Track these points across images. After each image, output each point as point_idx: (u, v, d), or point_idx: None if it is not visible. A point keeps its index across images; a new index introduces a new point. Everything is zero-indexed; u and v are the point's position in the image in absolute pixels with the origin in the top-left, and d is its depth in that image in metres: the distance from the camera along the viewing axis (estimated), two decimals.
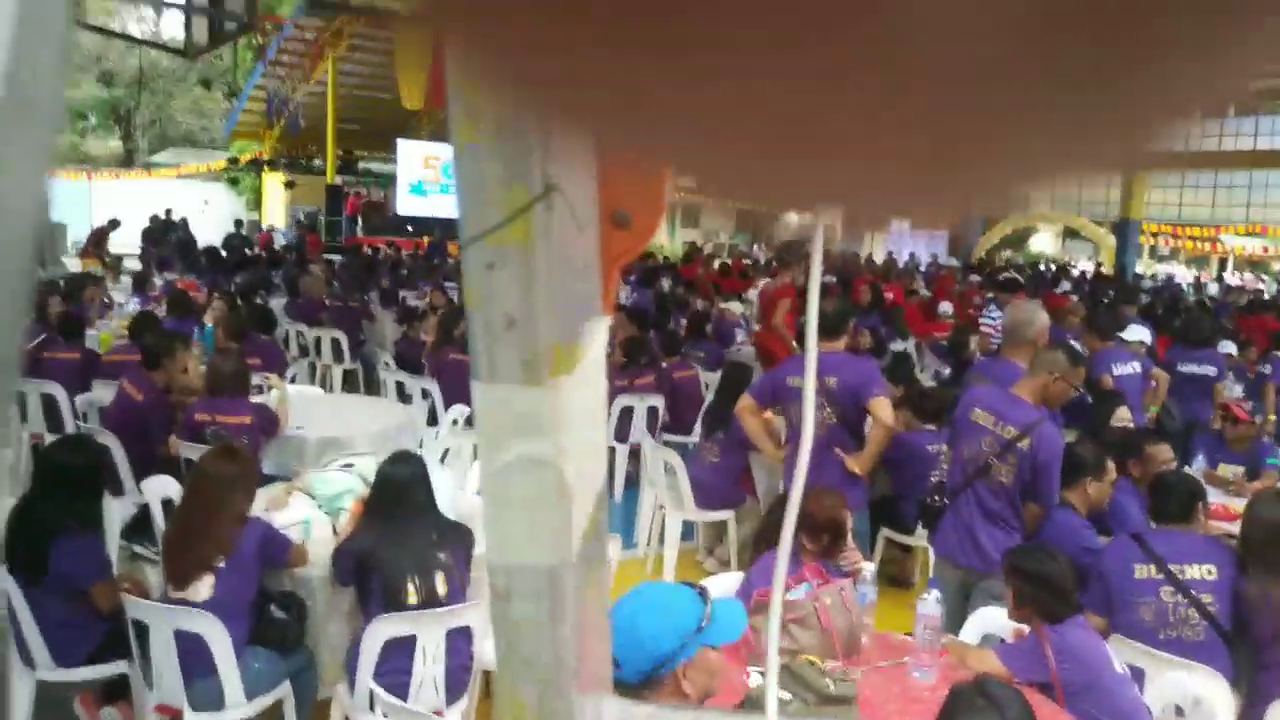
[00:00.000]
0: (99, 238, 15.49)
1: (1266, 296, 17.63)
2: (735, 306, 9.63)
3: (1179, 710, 2.85)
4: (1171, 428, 5.74)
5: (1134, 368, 5.68)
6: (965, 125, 0.19)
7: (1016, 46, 0.17)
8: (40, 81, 0.19)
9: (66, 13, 0.20)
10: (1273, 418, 6.46)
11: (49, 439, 4.93)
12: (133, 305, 8.46)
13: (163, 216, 18.30)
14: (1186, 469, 4.37)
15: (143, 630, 3.01)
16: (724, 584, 3.29)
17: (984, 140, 0.20)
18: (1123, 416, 4.58)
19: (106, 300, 8.71)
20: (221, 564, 3.04)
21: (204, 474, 3.19)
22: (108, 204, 18.09)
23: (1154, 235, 23.09)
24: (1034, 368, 3.70)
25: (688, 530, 5.20)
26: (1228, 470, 4.93)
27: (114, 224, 15.90)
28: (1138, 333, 6.20)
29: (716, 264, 15.43)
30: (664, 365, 6.72)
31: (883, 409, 3.96)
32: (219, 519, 3.07)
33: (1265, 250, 24.91)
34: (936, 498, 3.86)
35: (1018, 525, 3.58)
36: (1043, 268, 21.63)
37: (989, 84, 0.18)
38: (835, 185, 0.22)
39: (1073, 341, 4.95)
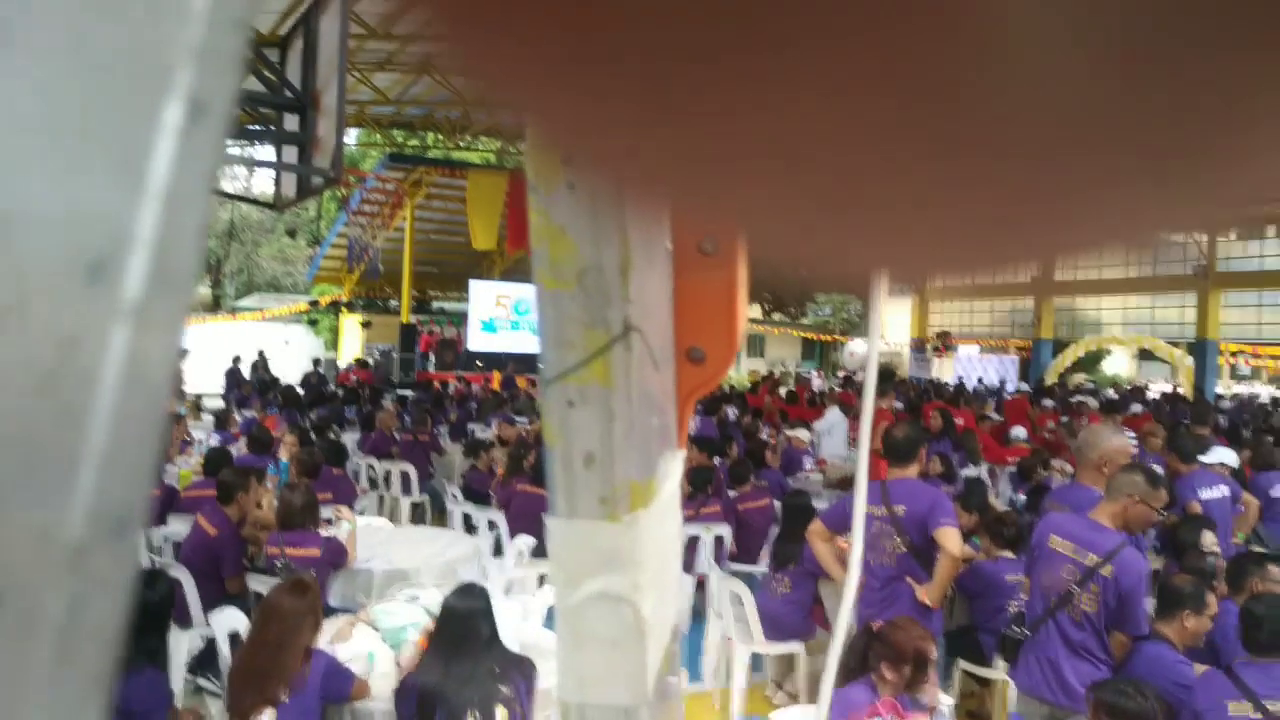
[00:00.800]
0: None
1: None
2: (803, 434, 9.56)
3: None
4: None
5: (1222, 491, 5.46)
6: (1039, 188, 0.19)
7: (1097, 113, 0.17)
8: (183, 250, 0.21)
9: (211, 183, 0.22)
10: None
11: None
12: (213, 441, 8.71)
13: (253, 357, 19.03)
14: None
15: None
16: (799, 717, 3.18)
17: (1052, 204, 0.20)
18: (1207, 541, 4.40)
19: (187, 438, 8.99)
20: (285, 699, 3.02)
21: (273, 608, 3.21)
22: (195, 347, 18.79)
23: (1233, 355, 22.48)
24: (1112, 491, 3.60)
25: (756, 663, 5.06)
26: None
27: (182, 354, 16.51)
28: (1220, 454, 6.00)
29: (783, 391, 15.39)
30: (731, 494, 6.66)
31: (949, 539, 3.84)
32: (286, 654, 3.08)
33: None
34: (1016, 628, 3.71)
35: (1104, 657, 3.41)
36: (1126, 389, 21.11)
37: (1064, 149, 0.18)
38: (902, 245, 0.22)
39: (1155, 465, 4.80)
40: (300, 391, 14.07)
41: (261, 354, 19.38)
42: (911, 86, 0.17)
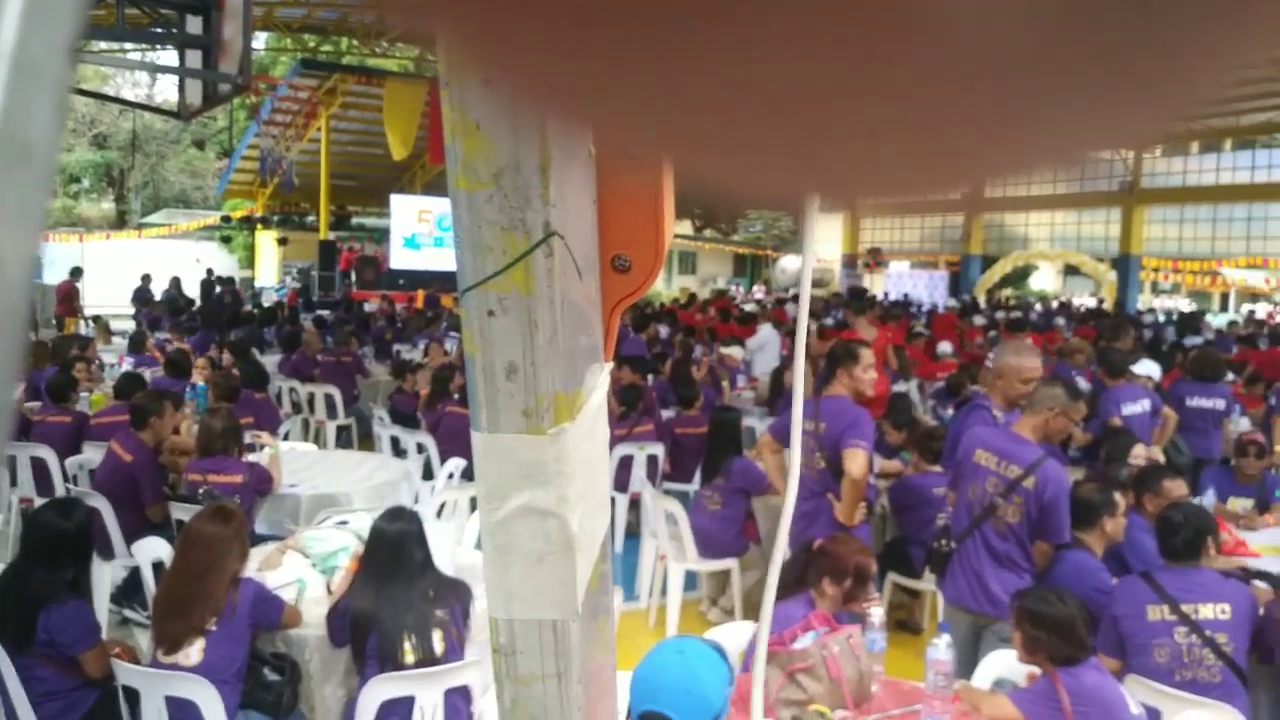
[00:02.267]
0: (67, 293, 15.12)
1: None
2: (736, 352, 9.62)
3: None
4: (1180, 463, 5.70)
5: (1143, 406, 5.66)
6: (983, 105, 0.19)
7: (1034, 27, 0.17)
8: (38, 122, 0.19)
9: (66, 57, 0.20)
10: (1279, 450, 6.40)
11: (39, 503, 4.86)
12: (128, 366, 8.43)
13: (162, 275, 18.31)
14: (1197, 501, 4.33)
15: (134, 696, 2.93)
16: (734, 634, 3.22)
17: (986, 126, 0.20)
18: (1139, 453, 4.55)
19: (97, 362, 8.67)
20: (213, 627, 2.96)
21: (195, 535, 3.12)
22: (99, 265, 18.08)
23: (1155, 270, 23.20)
24: (1033, 404, 3.67)
25: (690, 580, 5.13)
26: (1237, 504, 4.89)
27: (76, 273, 15.70)
28: (1147, 367, 6.21)
29: (713, 310, 15.48)
30: (668, 415, 6.65)
31: (853, 460, 3.84)
32: (211, 581, 3.00)
33: (1267, 282, 25.02)
34: (944, 541, 3.80)
35: (1028, 566, 3.53)
36: (1052, 304, 21.68)
37: (1006, 65, 0.18)
38: (852, 170, 0.22)
39: (1079, 379, 4.93)
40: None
41: (175, 280, 18.66)
42: (846, 13, 0.17)
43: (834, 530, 3.84)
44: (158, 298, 16.96)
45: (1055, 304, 21.46)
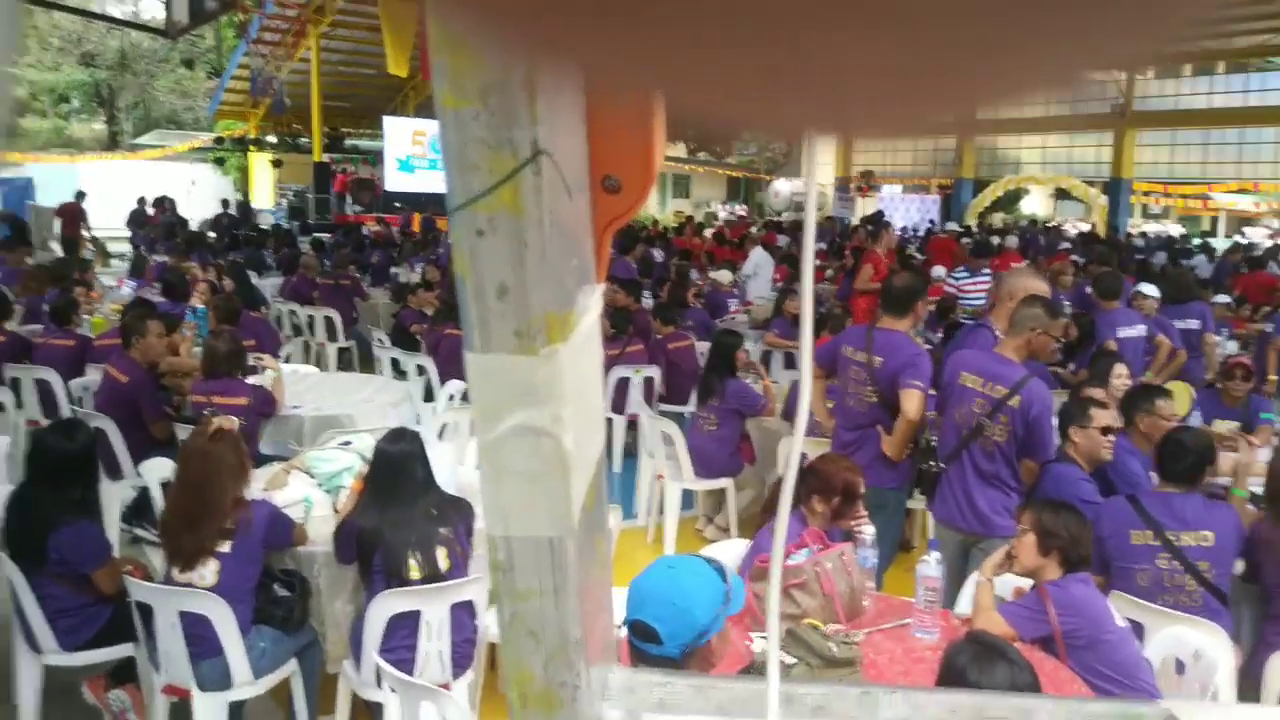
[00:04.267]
0: (74, 214, 14.59)
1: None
2: (725, 276, 9.59)
3: (1179, 664, 2.85)
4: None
5: (1139, 330, 5.69)
6: (965, 35, 0.19)
7: None
8: None
9: None
10: (1273, 378, 6.42)
11: (45, 424, 4.91)
12: (127, 289, 8.42)
13: (149, 199, 18.04)
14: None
15: (147, 612, 3.01)
16: (729, 551, 3.30)
17: (984, 49, 0.19)
18: (1120, 373, 4.57)
19: (97, 285, 8.65)
20: (226, 549, 3.02)
21: (190, 450, 3.17)
22: (93, 187, 17.80)
23: (1145, 194, 23.05)
24: (1014, 325, 3.70)
25: (687, 499, 5.22)
26: (1223, 426, 4.93)
27: (80, 195, 15.32)
28: (1145, 288, 6.31)
29: (709, 232, 15.37)
30: (658, 336, 6.71)
31: (909, 400, 3.81)
32: (210, 492, 3.04)
33: (1256, 206, 24.89)
34: (932, 463, 3.86)
35: (1015, 485, 3.58)
36: (1039, 229, 21.54)
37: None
38: (834, 103, 0.22)
39: (1065, 303, 4.94)
40: (212, 235, 13.58)
41: (170, 202, 18.39)
42: None
43: (878, 461, 3.88)
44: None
45: (1043, 228, 21.30)
